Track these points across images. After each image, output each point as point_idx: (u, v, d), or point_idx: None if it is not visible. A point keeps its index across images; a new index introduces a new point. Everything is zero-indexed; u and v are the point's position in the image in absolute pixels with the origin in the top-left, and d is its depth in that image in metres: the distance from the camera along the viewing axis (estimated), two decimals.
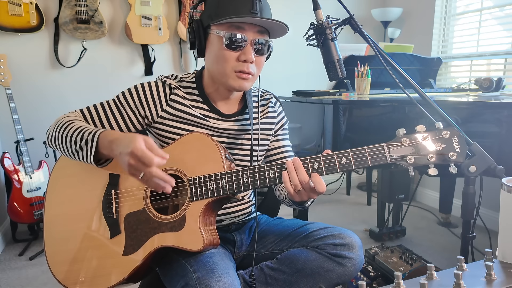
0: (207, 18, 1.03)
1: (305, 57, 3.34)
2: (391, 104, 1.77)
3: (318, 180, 0.89)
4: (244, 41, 1.00)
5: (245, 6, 0.98)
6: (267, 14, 1.04)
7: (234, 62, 1.02)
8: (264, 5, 1.03)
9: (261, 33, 1.03)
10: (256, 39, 1.01)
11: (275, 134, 1.24)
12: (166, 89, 1.10)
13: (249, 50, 1.01)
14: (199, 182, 0.97)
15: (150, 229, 0.99)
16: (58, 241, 1.05)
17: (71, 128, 1.01)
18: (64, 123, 1.03)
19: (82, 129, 0.99)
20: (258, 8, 1.00)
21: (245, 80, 1.04)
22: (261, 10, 1.01)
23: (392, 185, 2.46)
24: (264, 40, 1.03)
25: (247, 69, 1.02)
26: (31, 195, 2.41)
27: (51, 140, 1.05)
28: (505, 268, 0.73)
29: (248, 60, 1.01)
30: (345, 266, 1.03)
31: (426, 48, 3.21)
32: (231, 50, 1.01)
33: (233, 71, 1.03)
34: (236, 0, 0.99)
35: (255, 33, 1.01)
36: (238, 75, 1.03)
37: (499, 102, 1.55)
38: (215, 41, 1.03)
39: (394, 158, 0.89)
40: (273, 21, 0.98)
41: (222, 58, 1.02)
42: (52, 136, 1.05)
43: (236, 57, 1.02)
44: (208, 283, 0.89)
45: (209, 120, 1.10)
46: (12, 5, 2.45)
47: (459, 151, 0.87)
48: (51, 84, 2.72)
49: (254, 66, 1.04)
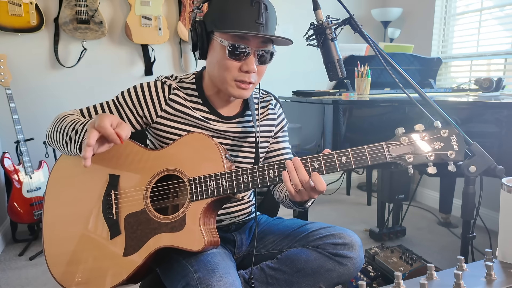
0: (211, 23, 1.01)
1: (305, 57, 3.34)
2: (391, 104, 1.77)
3: (318, 179, 0.89)
4: (247, 51, 0.99)
5: (250, 16, 0.97)
6: (273, 23, 1.02)
7: (235, 72, 1.01)
8: (271, 14, 1.01)
9: (264, 43, 1.01)
10: (260, 49, 1.00)
11: (275, 136, 1.24)
12: (165, 89, 1.09)
13: (252, 61, 1.00)
14: (199, 182, 0.97)
15: (151, 229, 0.99)
16: (58, 242, 1.05)
17: (66, 120, 1.02)
18: (62, 117, 1.04)
19: (75, 121, 1.00)
20: (264, 18, 0.98)
21: (245, 90, 1.03)
22: (267, 20, 0.99)
23: (392, 185, 2.46)
24: (267, 49, 1.01)
25: (248, 79, 1.02)
26: (31, 195, 2.41)
27: (49, 135, 1.06)
28: (505, 268, 0.73)
29: (250, 71, 1.00)
30: (346, 266, 1.03)
31: (426, 48, 3.22)
32: (233, 60, 0.99)
33: (234, 80, 1.02)
34: (241, 9, 0.97)
35: (259, 44, 1.00)
36: (238, 84, 1.02)
37: (499, 102, 1.55)
38: (218, 48, 1.01)
39: (393, 157, 0.89)
40: (277, 38, 0.98)
41: (224, 66, 1.01)
42: (49, 131, 1.06)
43: (238, 67, 1.00)
44: (209, 283, 0.89)
45: (209, 122, 1.10)
46: (12, 5, 2.45)
47: (457, 150, 0.87)
48: (51, 84, 2.72)
49: (255, 75, 1.03)
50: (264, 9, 0.98)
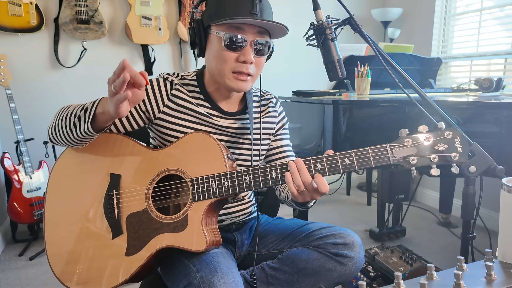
0: (207, 18, 1.03)
1: (305, 57, 3.34)
2: (391, 104, 1.78)
3: (321, 181, 0.89)
4: (243, 41, 1.00)
5: (245, 7, 0.98)
6: (268, 14, 1.03)
7: (233, 63, 1.02)
8: (265, 5, 1.02)
9: (261, 34, 1.02)
10: (256, 39, 1.01)
11: (276, 134, 1.24)
12: (167, 85, 1.10)
13: (249, 51, 1.01)
14: (202, 183, 0.97)
15: (153, 229, 0.99)
16: (60, 242, 1.05)
17: (72, 106, 1.01)
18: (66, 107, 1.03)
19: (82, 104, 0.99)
20: (258, 8, 0.99)
21: (243, 82, 1.04)
22: (262, 10, 1.00)
23: (392, 185, 2.46)
24: (264, 40, 1.02)
25: (245, 70, 1.02)
26: (31, 195, 2.41)
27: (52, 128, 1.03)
28: (505, 268, 0.73)
29: (247, 61, 1.01)
30: (346, 266, 1.04)
31: (426, 48, 3.22)
32: (230, 51, 1.00)
33: (232, 71, 1.02)
34: (236, 0, 0.99)
35: (255, 34, 1.01)
36: (236, 76, 1.03)
37: (499, 102, 1.55)
38: (215, 41, 1.02)
39: (397, 159, 0.88)
40: (272, 22, 0.98)
41: (222, 58, 1.02)
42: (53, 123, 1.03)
43: (235, 57, 1.01)
44: (212, 282, 0.89)
45: (212, 118, 1.11)
46: (12, 5, 2.45)
47: (461, 152, 0.86)
48: (51, 84, 2.72)
49: (253, 67, 1.04)
50: (258, 0, 0.99)
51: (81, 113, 0.96)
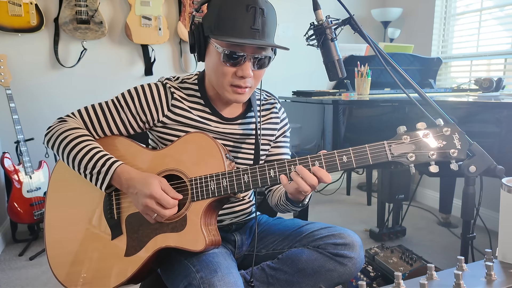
0: (208, 28, 1.00)
1: (305, 57, 3.33)
2: (391, 104, 1.78)
3: (323, 174, 0.89)
4: (242, 57, 0.98)
5: (245, 22, 0.94)
6: (270, 28, 0.99)
7: (231, 77, 1.00)
8: (268, 18, 0.98)
9: (261, 49, 0.99)
10: (255, 55, 0.99)
11: (276, 141, 1.23)
12: (168, 94, 1.08)
13: (247, 66, 0.99)
14: (200, 182, 0.97)
15: (152, 230, 0.99)
16: (60, 243, 1.05)
17: (78, 147, 1.00)
18: (68, 138, 1.02)
19: (93, 154, 0.99)
20: (259, 23, 0.95)
21: (241, 94, 1.03)
22: (263, 25, 0.97)
23: (392, 185, 2.46)
24: (263, 55, 1.00)
25: (243, 84, 1.01)
26: (31, 195, 2.41)
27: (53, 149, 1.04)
28: (505, 268, 0.73)
29: (246, 76, 0.99)
30: (346, 266, 1.04)
31: (426, 48, 3.22)
32: (228, 66, 0.99)
33: (230, 85, 1.01)
34: (237, 14, 0.94)
35: (255, 50, 0.98)
36: (234, 89, 1.02)
37: (499, 102, 1.55)
38: (214, 53, 1.00)
39: (395, 155, 0.88)
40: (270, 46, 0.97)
41: (220, 72, 1.00)
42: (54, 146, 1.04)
43: (233, 72, 1.00)
44: (212, 282, 0.89)
45: (210, 124, 1.10)
46: (12, 5, 2.45)
47: (460, 148, 0.86)
48: (51, 84, 2.72)
49: (251, 80, 1.02)
50: (260, 14, 0.95)
51: (93, 171, 0.99)
